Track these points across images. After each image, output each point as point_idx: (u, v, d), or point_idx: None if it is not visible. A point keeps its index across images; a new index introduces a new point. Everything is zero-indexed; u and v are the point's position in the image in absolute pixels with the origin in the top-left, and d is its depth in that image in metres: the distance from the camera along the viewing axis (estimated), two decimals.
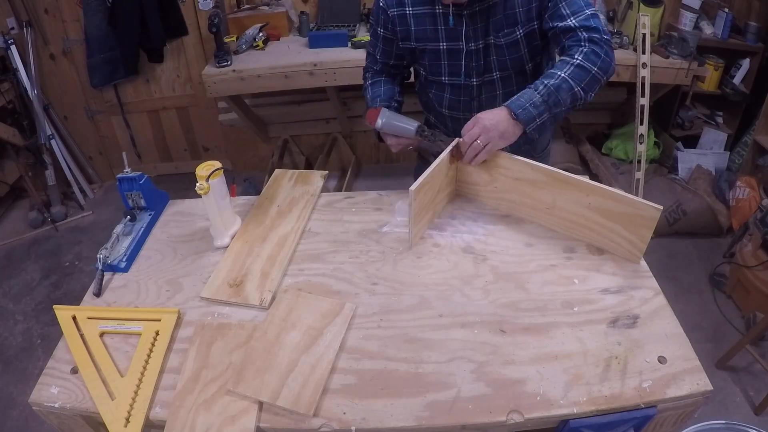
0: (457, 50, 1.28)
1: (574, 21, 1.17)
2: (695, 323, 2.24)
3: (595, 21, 1.18)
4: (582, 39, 1.17)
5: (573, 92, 1.15)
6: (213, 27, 2.41)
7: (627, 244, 1.10)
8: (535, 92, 1.14)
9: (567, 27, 1.18)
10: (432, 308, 1.03)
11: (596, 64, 1.15)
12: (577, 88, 1.15)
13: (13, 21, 2.81)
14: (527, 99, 1.14)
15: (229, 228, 1.23)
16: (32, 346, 2.30)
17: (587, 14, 1.18)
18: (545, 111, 1.14)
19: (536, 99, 1.13)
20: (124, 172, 1.26)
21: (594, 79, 1.16)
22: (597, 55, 1.16)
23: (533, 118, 1.14)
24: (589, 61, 1.15)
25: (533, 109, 1.13)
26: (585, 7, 1.18)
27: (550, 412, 0.83)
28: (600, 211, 1.11)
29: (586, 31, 1.17)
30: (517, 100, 1.15)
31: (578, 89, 1.15)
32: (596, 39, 1.17)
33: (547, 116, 1.15)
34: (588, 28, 1.17)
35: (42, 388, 0.91)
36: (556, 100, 1.14)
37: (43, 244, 2.94)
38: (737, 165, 2.96)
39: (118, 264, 1.17)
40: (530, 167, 1.17)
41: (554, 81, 1.14)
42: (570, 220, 1.17)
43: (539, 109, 1.14)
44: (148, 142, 3.38)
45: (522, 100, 1.14)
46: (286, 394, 0.86)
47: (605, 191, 1.08)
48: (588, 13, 1.18)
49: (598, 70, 1.16)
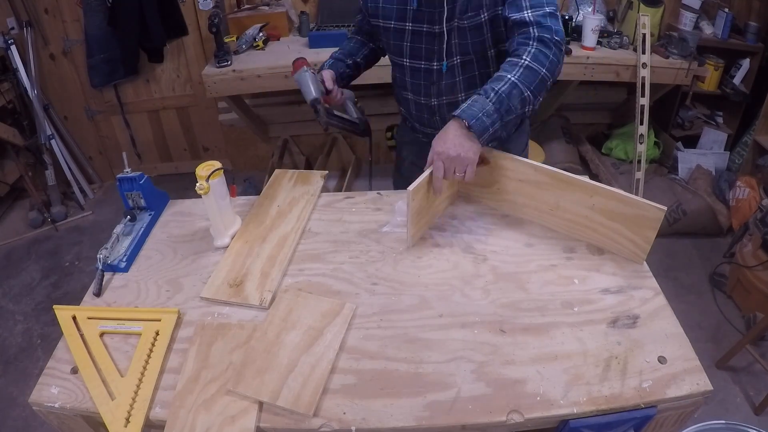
0: (420, 32, 1.27)
1: (529, 15, 1.15)
2: (695, 323, 2.24)
3: (551, 20, 1.15)
4: (532, 37, 1.14)
5: (523, 97, 1.11)
6: (213, 27, 2.41)
7: (631, 245, 1.10)
8: (486, 100, 1.09)
9: (521, 20, 1.15)
10: (432, 308, 1.03)
11: (544, 65, 1.12)
12: (527, 92, 1.11)
13: (13, 21, 2.81)
14: (480, 108, 1.09)
15: (229, 228, 1.23)
16: (32, 346, 2.30)
17: (545, 11, 1.15)
18: (497, 120, 1.10)
19: (489, 107, 1.09)
20: (124, 172, 1.26)
21: (542, 81, 1.13)
22: (545, 55, 1.12)
23: (486, 129, 1.09)
24: (537, 62, 1.12)
25: (486, 119, 1.08)
26: (545, 4, 1.16)
27: (550, 412, 0.83)
28: (604, 212, 1.10)
29: (538, 28, 1.14)
30: (469, 109, 1.09)
31: (528, 93, 1.11)
32: (546, 39, 1.13)
33: (499, 125, 1.10)
34: (541, 25, 1.14)
35: (42, 388, 0.91)
36: (507, 107, 1.10)
37: (43, 244, 2.94)
38: (737, 165, 2.96)
39: (118, 264, 1.17)
40: (533, 168, 1.16)
41: (505, 86, 1.10)
42: (574, 221, 1.17)
43: (492, 117, 1.09)
44: (148, 142, 3.38)
45: (474, 110, 1.09)
46: (286, 394, 0.86)
47: (609, 192, 1.08)
48: (546, 11, 1.15)
49: (546, 72, 1.12)
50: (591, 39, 2.49)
